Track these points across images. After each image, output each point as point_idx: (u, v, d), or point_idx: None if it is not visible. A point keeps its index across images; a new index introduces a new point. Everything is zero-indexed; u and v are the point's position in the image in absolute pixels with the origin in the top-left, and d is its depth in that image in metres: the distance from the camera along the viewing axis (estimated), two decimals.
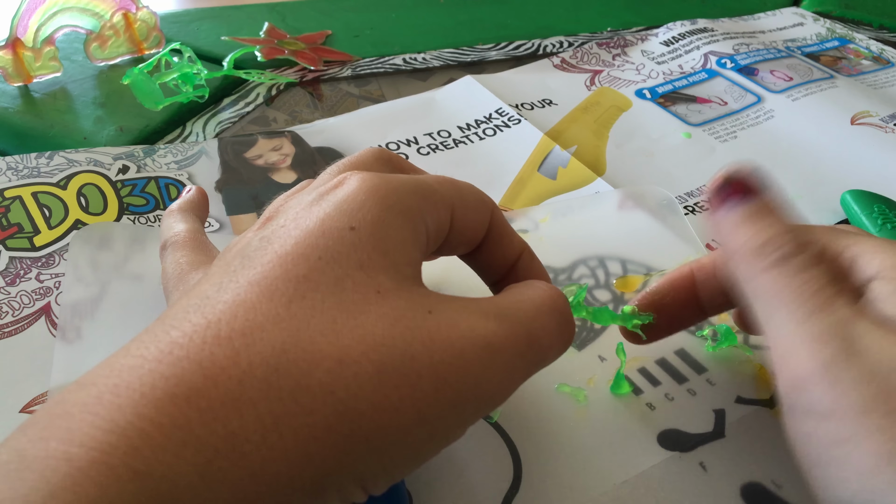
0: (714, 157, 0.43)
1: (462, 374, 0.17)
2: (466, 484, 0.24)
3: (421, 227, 0.20)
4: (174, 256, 0.26)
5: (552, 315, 0.20)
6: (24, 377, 0.27)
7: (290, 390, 0.16)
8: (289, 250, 0.18)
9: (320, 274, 0.18)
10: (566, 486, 0.24)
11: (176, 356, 0.16)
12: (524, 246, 0.24)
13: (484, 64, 0.54)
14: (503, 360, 0.18)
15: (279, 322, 0.17)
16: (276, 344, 0.16)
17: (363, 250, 0.18)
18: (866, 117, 0.47)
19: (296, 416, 0.16)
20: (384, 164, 0.24)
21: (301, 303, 0.17)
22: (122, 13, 0.49)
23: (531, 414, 0.26)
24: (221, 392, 0.15)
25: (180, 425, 0.15)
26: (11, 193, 0.36)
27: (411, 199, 0.20)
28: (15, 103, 0.45)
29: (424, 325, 0.18)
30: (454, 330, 0.18)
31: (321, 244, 0.18)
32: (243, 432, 0.15)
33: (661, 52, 0.55)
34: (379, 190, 0.19)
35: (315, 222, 0.19)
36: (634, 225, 0.36)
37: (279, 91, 0.49)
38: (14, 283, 0.31)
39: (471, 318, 0.18)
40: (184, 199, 0.31)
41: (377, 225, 0.19)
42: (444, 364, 0.17)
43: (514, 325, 0.19)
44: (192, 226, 0.28)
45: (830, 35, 0.59)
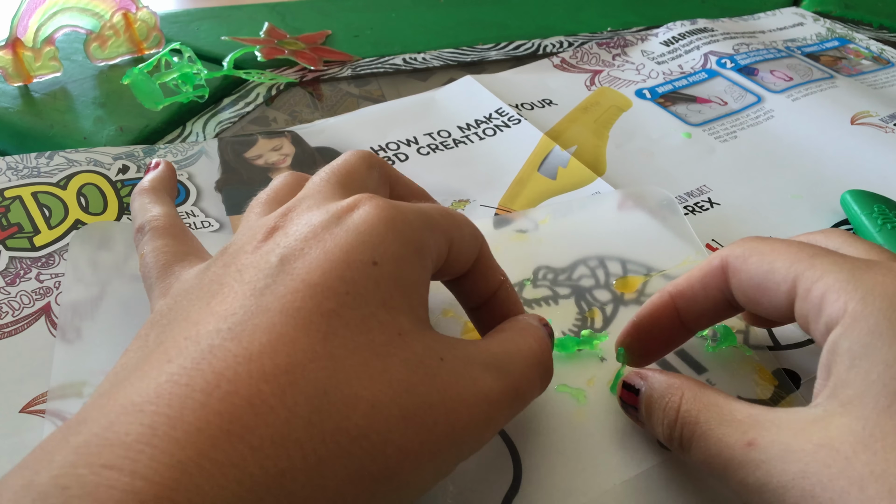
0: (714, 157, 0.43)
1: (468, 425, 0.19)
2: (466, 484, 0.24)
3: (429, 263, 0.21)
4: (154, 244, 0.25)
5: (538, 368, 0.23)
6: (24, 377, 0.27)
7: (331, 432, 0.17)
8: (317, 281, 0.18)
9: (349, 310, 0.18)
10: (566, 486, 0.24)
11: (225, 391, 0.16)
12: (504, 278, 0.26)
13: (484, 64, 0.54)
14: (498, 413, 0.20)
15: (317, 360, 0.17)
16: (317, 384, 0.17)
17: (385, 288, 0.19)
18: (866, 117, 0.47)
19: (337, 457, 0.16)
20: (375, 172, 0.26)
21: (334, 340, 0.18)
22: (122, 13, 0.49)
23: (531, 414, 0.26)
24: (271, 431, 0.16)
25: (236, 463, 0.15)
26: (11, 193, 0.36)
27: (422, 234, 0.21)
28: (15, 103, 0.45)
29: (439, 373, 0.19)
30: (462, 381, 0.19)
31: (347, 277, 0.19)
32: (291, 472, 0.16)
33: (661, 52, 0.55)
34: (396, 223, 0.20)
35: (339, 252, 0.19)
36: (634, 225, 0.36)
37: (279, 91, 0.49)
38: (14, 283, 0.31)
39: (474, 370, 0.20)
40: (155, 176, 0.29)
41: (397, 262, 0.20)
42: (454, 413, 0.19)
43: (507, 380, 0.21)
44: (169, 209, 0.27)
45: (830, 35, 0.59)
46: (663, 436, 0.23)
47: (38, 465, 0.15)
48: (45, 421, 0.26)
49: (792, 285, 0.22)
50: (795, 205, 0.39)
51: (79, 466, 0.14)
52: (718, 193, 0.40)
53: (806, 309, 0.21)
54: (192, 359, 0.17)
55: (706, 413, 0.21)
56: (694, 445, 0.21)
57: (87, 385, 0.27)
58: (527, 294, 0.32)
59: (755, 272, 0.23)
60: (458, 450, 0.19)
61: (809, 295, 0.21)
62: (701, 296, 0.25)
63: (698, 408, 0.21)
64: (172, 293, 0.22)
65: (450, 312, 0.30)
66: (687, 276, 0.25)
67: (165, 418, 0.15)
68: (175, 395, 0.16)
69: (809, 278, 0.21)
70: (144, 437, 0.15)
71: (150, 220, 0.26)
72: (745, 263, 0.23)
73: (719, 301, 0.25)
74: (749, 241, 0.24)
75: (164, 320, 0.20)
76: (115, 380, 0.18)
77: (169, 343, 0.18)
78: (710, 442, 0.21)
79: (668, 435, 0.22)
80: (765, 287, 0.23)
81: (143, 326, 0.21)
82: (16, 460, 0.16)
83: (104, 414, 0.16)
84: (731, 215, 0.38)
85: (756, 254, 0.23)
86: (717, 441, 0.20)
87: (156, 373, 0.17)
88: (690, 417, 0.21)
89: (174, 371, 0.17)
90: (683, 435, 0.22)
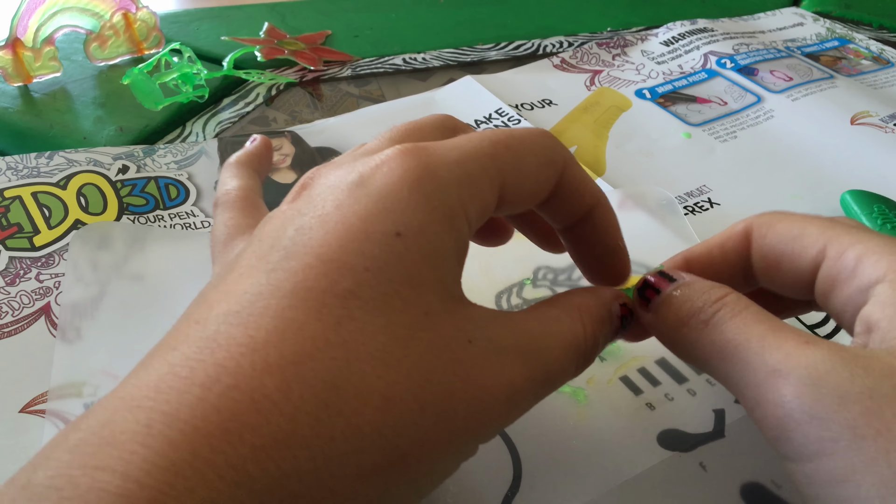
0: (714, 157, 0.43)
1: (489, 414, 0.18)
2: (466, 484, 0.24)
3: (465, 229, 0.19)
4: (222, 217, 0.25)
5: (575, 358, 0.21)
6: (24, 377, 0.27)
7: (341, 430, 0.15)
8: (333, 256, 0.17)
9: (368, 289, 0.17)
10: (566, 486, 0.24)
11: (225, 385, 0.15)
12: (598, 199, 0.23)
13: (484, 64, 0.54)
14: (522, 400, 0.19)
15: (328, 349, 0.16)
16: (326, 377, 0.16)
17: (411, 262, 0.17)
18: (866, 117, 0.47)
19: (347, 456, 0.15)
20: (447, 134, 0.22)
21: (350, 325, 0.16)
22: (121, 13, 0.49)
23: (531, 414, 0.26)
24: (274, 429, 0.15)
25: (234, 465, 0.14)
26: (11, 193, 0.36)
27: (455, 194, 0.18)
28: (15, 103, 0.45)
29: (465, 358, 0.17)
30: (488, 367, 0.18)
31: (367, 251, 0.17)
32: (296, 473, 0.15)
33: (661, 52, 0.55)
34: (423, 184, 0.18)
35: (358, 222, 0.17)
36: (634, 225, 0.36)
37: (279, 91, 0.49)
38: (14, 283, 0.31)
39: (503, 355, 0.18)
40: (245, 151, 0.29)
41: (424, 233, 0.18)
42: (476, 401, 0.17)
43: (537, 366, 0.19)
44: (246, 182, 0.27)
45: (830, 35, 0.59)
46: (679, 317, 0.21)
47: (38, 463, 0.14)
48: (45, 421, 0.26)
49: (821, 249, 0.21)
50: (795, 205, 0.39)
51: (73, 467, 0.14)
52: (718, 193, 0.40)
53: (835, 271, 0.20)
54: (197, 346, 0.16)
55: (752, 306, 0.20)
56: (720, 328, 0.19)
57: (86, 385, 0.27)
58: (527, 294, 0.32)
59: (783, 236, 0.22)
60: (477, 437, 0.18)
61: (842, 258, 0.20)
62: (718, 261, 0.24)
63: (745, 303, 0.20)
64: (219, 266, 0.21)
65: None
66: (706, 243, 0.24)
67: (161, 415, 0.14)
68: (174, 388, 0.15)
69: (844, 243, 0.20)
70: (139, 436, 0.14)
71: (224, 194, 0.26)
72: (771, 228, 0.23)
73: (735, 269, 0.24)
74: (777, 212, 0.23)
75: (197, 299, 0.19)
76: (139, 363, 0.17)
77: (180, 326, 0.17)
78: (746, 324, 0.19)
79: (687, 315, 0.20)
80: (791, 250, 0.22)
81: None
82: (16, 460, 0.16)
83: (104, 408, 0.15)
84: (731, 215, 0.38)
85: (785, 220, 0.23)
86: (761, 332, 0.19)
87: (159, 363, 0.16)
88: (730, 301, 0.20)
89: (176, 361, 0.16)
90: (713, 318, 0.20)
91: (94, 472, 0.14)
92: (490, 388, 0.18)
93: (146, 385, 0.15)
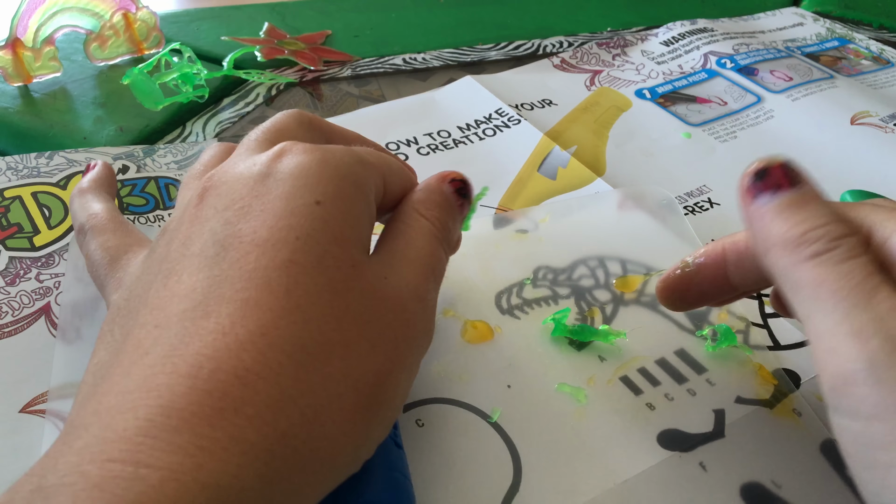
0: (714, 157, 0.43)
1: (415, 324, 0.21)
2: (466, 484, 0.24)
3: (371, 198, 0.22)
4: (97, 241, 0.25)
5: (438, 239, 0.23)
6: (24, 377, 0.27)
7: (319, 382, 0.17)
8: (266, 236, 0.19)
9: (303, 255, 0.19)
10: (566, 485, 0.24)
11: (209, 370, 0.16)
12: None
13: (484, 64, 0.54)
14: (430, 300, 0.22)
15: (287, 315, 0.18)
16: (292, 339, 0.17)
17: (334, 224, 0.19)
18: (866, 117, 0.47)
19: (330, 403, 0.17)
20: (308, 130, 0.25)
21: (297, 290, 0.18)
22: (122, 13, 0.49)
23: (531, 414, 0.26)
24: (263, 397, 0.16)
25: (235, 437, 0.15)
26: (11, 193, 0.36)
27: (357, 169, 0.21)
28: (15, 103, 0.45)
29: (387, 293, 0.20)
30: (403, 292, 0.21)
31: (294, 224, 0.19)
32: (292, 429, 0.16)
33: (661, 52, 0.55)
34: (329, 162, 0.21)
35: (280, 202, 0.19)
36: (634, 225, 0.36)
37: (279, 91, 0.49)
38: (14, 283, 0.31)
39: (405, 273, 0.21)
40: (92, 177, 0.30)
41: (340, 198, 0.20)
42: (405, 323, 0.20)
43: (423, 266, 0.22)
44: (108, 205, 0.27)
45: (830, 35, 0.59)
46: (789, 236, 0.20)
47: (44, 471, 0.15)
48: (45, 421, 0.26)
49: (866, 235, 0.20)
50: None
51: (83, 465, 0.15)
52: (718, 193, 0.40)
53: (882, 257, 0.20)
54: (169, 345, 0.17)
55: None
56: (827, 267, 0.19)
57: None
58: (527, 294, 0.32)
59: None
60: (423, 343, 0.21)
61: (888, 242, 0.20)
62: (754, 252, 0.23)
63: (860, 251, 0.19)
64: (125, 284, 0.22)
65: (450, 312, 0.30)
66: (744, 232, 0.24)
67: (158, 409, 0.15)
68: (162, 385, 0.16)
69: (888, 228, 0.20)
70: (142, 429, 0.15)
71: (89, 219, 0.26)
72: None
73: None
74: None
75: (124, 312, 0.20)
76: (95, 381, 0.18)
77: (139, 334, 0.18)
78: None
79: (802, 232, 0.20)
80: None
81: (104, 324, 0.21)
82: (16, 460, 0.16)
83: (98, 416, 0.16)
84: (731, 215, 0.38)
85: None
86: None
87: (136, 368, 0.17)
88: None
89: (153, 362, 0.17)
90: None
91: (106, 465, 0.14)
92: (413, 306, 0.21)
93: (133, 387, 0.16)
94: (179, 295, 0.18)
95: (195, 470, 0.15)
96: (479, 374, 0.28)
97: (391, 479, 0.22)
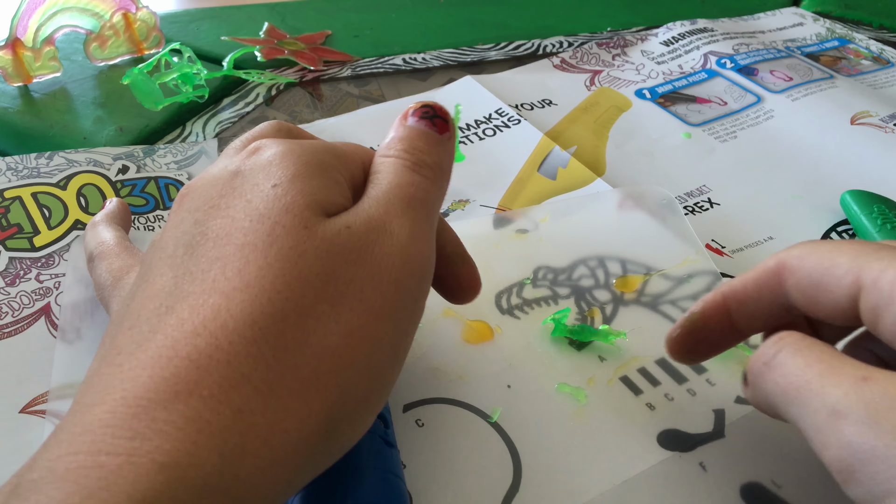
0: (714, 157, 0.43)
1: (392, 257, 0.20)
2: (466, 484, 0.24)
3: (339, 177, 0.21)
4: (102, 265, 0.26)
5: (408, 170, 0.22)
6: (24, 378, 0.27)
7: (273, 355, 0.17)
8: (226, 228, 0.19)
9: (253, 234, 0.19)
10: (566, 486, 0.24)
11: (167, 358, 0.17)
12: None
13: (484, 64, 0.54)
14: (401, 227, 0.20)
15: (237, 295, 0.18)
16: (244, 318, 0.17)
17: (286, 198, 0.20)
18: (866, 117, 0.47)
19: (285, 375, 0.17)
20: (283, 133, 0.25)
21: (248, 269, 0.18)
22: (121, 13, 0.49)
23: (531, 414, 0.26)
24: (217, 378, 0.17)
25: (191, 417, 0.16)
26: (11, 194, 0.36)
27: (325, 156, 0.21)
28: (15, 103, 0.45)
29: (350, 243, 0.19)
30: (372, 234, 0.20)
31: (249, 209, 0.19)
32: (248, 405, 0.17)
33: (661, 52, 0.55)
34: (294, 151, 0.21)
35: (242, 195, 0.20)
36: (634, 225, 0.36)
37: (279, 91, 0.49)
38: (14, 283, 0.31)
39: (375, 213, 0.20)
40: (105, 212, 0.31)
41: (297, 177, 0.20)
42: (373, 266, 0.19)
43: (390, 193, 0.21)
44: (117, 233, 0.28)
45: (830, 35, 0.59)
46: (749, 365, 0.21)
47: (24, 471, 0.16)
48: (45, 421, 0.26)
49: (856, 278, 0.20)
50: (795, 205, 0.39)
51: (53, 460, 0.15)
52: (718, 193, 0.40)
53: (875, 299, 0.20)
54: (136, 343, 0.18)
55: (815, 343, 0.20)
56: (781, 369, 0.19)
57: None
58: (527, 294, 0.32)
59: (815, 269, 0.22)
60: (401, 290, 0.20)
61: (878, 284, 0.20)
62: (754, 297, 0.24)
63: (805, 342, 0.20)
64: (121, 299, 0.23)
65: (450, 312, 0.30)
66: (741, 278, 0.24)
67: (121, 400, 0.16)
68: (126, 378, 0.17)
69: (876, 269, 0.20)
70: (105, 420, 0.16)
71: (97, 245, 0.28)
72: (803, 262, 0.22)
73: (774, 304, 0.24)
74: (807, 243, 0.23)
75: (115, 321, 0.21)
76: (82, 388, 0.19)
77: (119, 339, 0.19)
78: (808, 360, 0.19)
79: None
80: (825, 283, 0.21)
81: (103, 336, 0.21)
82: (16, 460, 0.16)
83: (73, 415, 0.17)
84: (731, 215, 0.38)
85: (815, 252, 0.22)
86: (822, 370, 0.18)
87: (109, 368, 0.18)
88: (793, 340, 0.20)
89: (122, 361, 0.17)
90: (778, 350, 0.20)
91: (70, 458, 0.15)
92: (368, 240, 0.20)
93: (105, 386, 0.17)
94: (150, 296, 0.19)
95: (152, 452, 0.15)
96: (478, 374, 0.28)
97: (383, 479, 0.22)
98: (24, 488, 0.15)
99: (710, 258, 0.34)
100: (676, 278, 0.33)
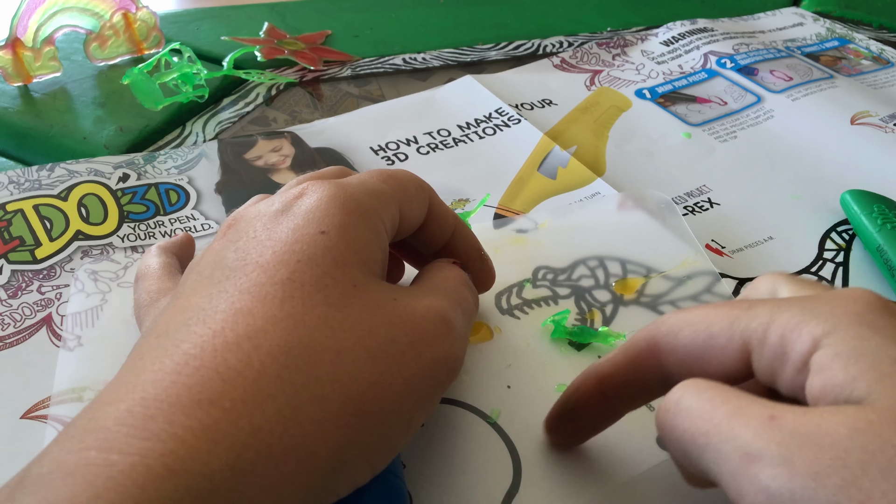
0: (714, 157, 0.43)
1: (432, 344, 0.21)
2: (466, 484, 0.24)
3: (380, 225, 0.22)
4: (143, 286, 0.27)
5: (466, 287, 0.25)
6: (25, 385, 0.27)
7: (302, 383, 0.18)
8: (269, 259, 0.20)
9: (302, 275, 0.20)
10: (566, 486, 0.24)
11: (193, 367, 0.17)
12: (457, 221, 0.27)
13: (484, 64, 0.54)
14: (455, 326, 0.22)
15: (277, 323, 0.18)
16: (280, 343, 0.18)
17: (336, 250, 0.20)
18: (866, 117, 0.47)
19: (311, 404, 0.18)
20: None
21: (291, 303, 0.19)
22: (121, 13, 0.49)
23: (531, 414, 0.26)
24: (241, 393, 0.17)
25: (208, 426, 0.16)
26: (13, 207, 0.36)
27: (368, 202, 0.22)
28: (15, 103, 0.45)
29: (396, 311, 0.20)
30: (418, 311, 0.21)
31: (297, 249, 0.20)
32: (267, 425, 0.17)
33: (661, 52, 0.55)
34: (338, 197, 0.22)
35: (287, 232, 0.21)
36: (634, 226, 0.36)
37: (279, 91, 0.49)
38: (16, 295, 0.31)
39: (425, 299, 0.22)
40: (168, 241, 0.31)
41: (345, 227, 0.21)
42: (418, 340, 0.20)
43: (450, 297, 0.23)
44: (167, 259, 0.28)
45: (830, 35, 0.59)
46: None
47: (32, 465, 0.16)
48: (47, 426, 0.26)
49: (742, 343, 0.20)
50: (795, 205, 0.39)
51: (62, 455, 0.16)
52: (718, 193, 0.40)
53: (768, 360, 0.19)
54: (162, 349, 0.18)
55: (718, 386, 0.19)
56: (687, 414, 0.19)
57: (87, 390, 0.27)
58: (527, 294, 0.32)
59: (691, 344, 0.21)
60: (434, 372, 0.21)
61: (766, 345, 0.19)
62: (632, 380, 0.23)
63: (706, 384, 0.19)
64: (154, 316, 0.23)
65: None
66: (612, 360, 0.23)
67: (140, 401, 0.16)
68: (147, 381, 0.17)
69: (758, 329, 0.19)
70: (120, 419, 0.16)
71: (143, 268, 0.28)
72: (677, 338, 0.21)
73: (653, 382, 0.22)
74: (673, 315, 0.22)
75: (143, 335, 0.21)
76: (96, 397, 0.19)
77: (143, 348, 0.19)
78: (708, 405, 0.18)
79: None
80: (708, 357, 0.20)
81: None
82: (17, 465, 0.16)
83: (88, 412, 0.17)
84: (730, 215, 0.38)
85: (686, 325, 0.21)
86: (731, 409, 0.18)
87: (130, 370, 0.18)
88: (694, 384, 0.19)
89: (145, 364, 0.18)
90: None
91: (81, 453, 0.15)
92: (426, 325, 0.21)
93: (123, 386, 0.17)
94: (181, 310, 0.19)
95: (165, 456, 0.15)
96: (479, 374, 0.28)
97: (383, 479, 0.22)
98: (31, 482, 0.15)
99: (709, 259, 0.34)
100: (676, 279, 0.33)
